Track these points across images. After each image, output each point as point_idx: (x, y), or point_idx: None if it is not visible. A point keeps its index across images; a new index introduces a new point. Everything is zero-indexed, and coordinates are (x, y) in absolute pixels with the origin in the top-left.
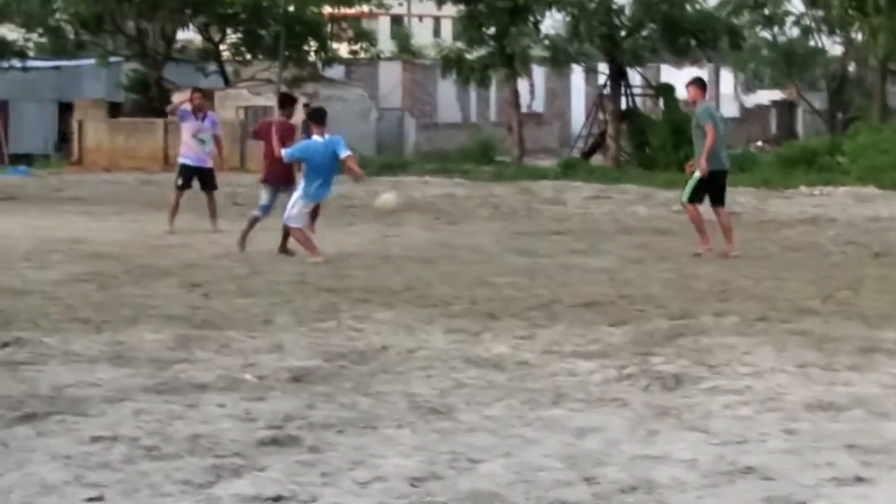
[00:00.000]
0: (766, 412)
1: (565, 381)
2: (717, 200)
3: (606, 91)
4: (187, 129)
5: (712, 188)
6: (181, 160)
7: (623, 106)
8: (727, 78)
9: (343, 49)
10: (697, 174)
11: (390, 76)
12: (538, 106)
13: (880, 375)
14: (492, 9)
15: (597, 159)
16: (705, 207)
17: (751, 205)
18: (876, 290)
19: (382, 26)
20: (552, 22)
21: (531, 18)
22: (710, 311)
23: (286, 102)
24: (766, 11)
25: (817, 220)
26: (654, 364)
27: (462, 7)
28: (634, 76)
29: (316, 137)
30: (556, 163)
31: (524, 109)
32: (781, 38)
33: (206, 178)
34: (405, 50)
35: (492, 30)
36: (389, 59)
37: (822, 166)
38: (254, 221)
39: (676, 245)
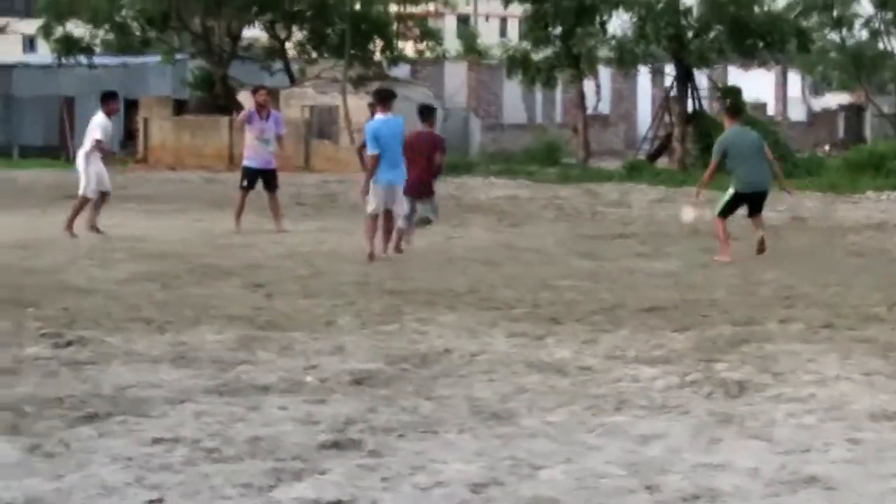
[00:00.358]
0: (830, 421)
1: (628, 387)
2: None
3: (673, 93)
4: (252, 130)
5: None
6: (245, 162)
7: (689, 108)
8: (795, 81)
9: (409, 48)
10: (731, 190)
11: (456, 76)
12: (604, 107)
13: None
14: (558, 8)
15: (662, 162)
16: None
17: (817, 209)
18: None
19: (449, 25)
20: (619, 22)
21: (598, 18)
22: (775, 317)
23: (428, 114)
24: (835, 13)
25: (884, 225)
26: (717, 371)
27: (528, 6)
28: (701, 78)
29: (379, 116)
30: (621, 165)
31: (590, 111)
32: (850, 41)
33: (269, 178)
34: (471, 49)
35: (558, 30)
36: (455, 58)
37: (890, 171)
38: (400, 232)
39: (742, 249)
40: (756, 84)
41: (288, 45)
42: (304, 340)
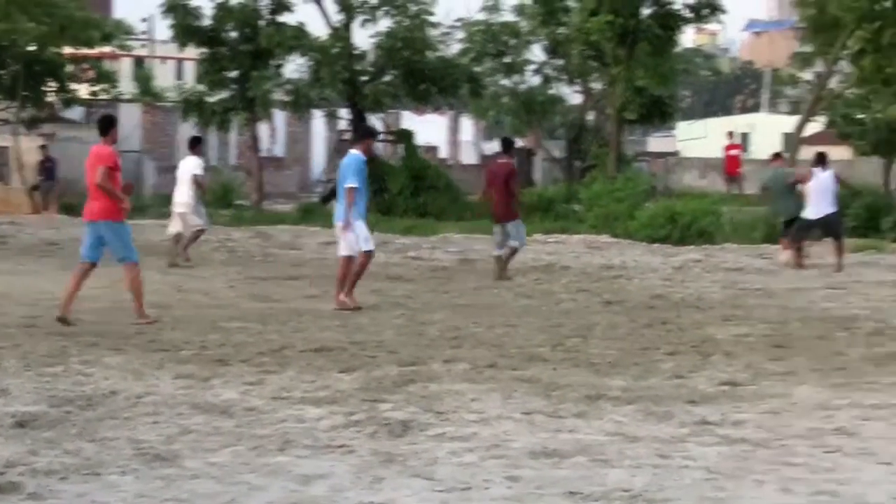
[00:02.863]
0: (491, 459)
1: (293, 428)
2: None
3: (347, 136)
4: None
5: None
6: None
7: None
8: (468, 125)
9: (83, 90)
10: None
11: (130, 118)
12: (279, 150)
13: (604, 423)
14: (234, 52)
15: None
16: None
17: (486, 251)
18: (605, 338)
19: (124, 67)
20: (294, 66)
21: (273, 62)
22: (441, 357)
23: (509, 147)
24: (507, 60)
25: (551, 267)
26: (382, 410)
27: (204, 50)
28: (375, 122)
29: (356, 152)
30: (295, 207)
31: (264, 153)
32: (522, 86)
33: None
34: (147, 92)
35: (234, 73)
36: (130, 100)
37: (559, 214)
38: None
39: (410, 291)
40: (430, 128)
41: None
42: None
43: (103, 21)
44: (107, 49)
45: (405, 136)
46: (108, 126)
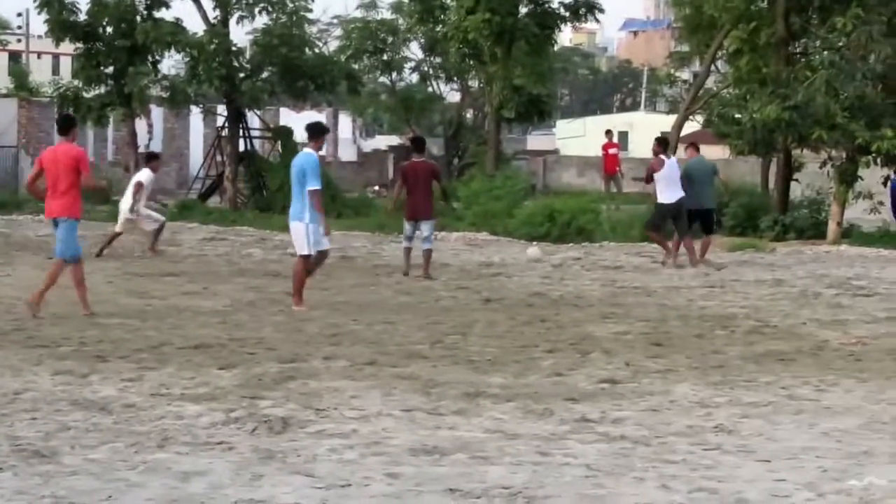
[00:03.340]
0: (371, 456)
1: (172, 425)
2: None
3: (225, 133)
4: None
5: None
6: None
7: (241, 148)
8: (346, 122)
9: None
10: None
11: (6, 113)
12: (156, 146)
13: (484, 420)
14: (110, 48)
15: (214, 201)
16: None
17: (366, 249)
18: (484, 335)
19: (0, 62)
20: (172, 62)
21: (150, 58)
22: (321, 354)
23: (421, 146)
24: (385, 57)
25: (433, 265)
26: (261, 407)
27: (80, 45)
28: (253, 118)
29: (309, 151)
30: (173, 204)
31: (142, 149)
32: (400, 84)
33: None
34: (22, 87)
35: (110, 69)
36: (6, 95)
37: (437, 211)
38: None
39: (288, 288)
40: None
41: None
42: None
43: None
44: None
45: (283, 134)
46: (70, 126)
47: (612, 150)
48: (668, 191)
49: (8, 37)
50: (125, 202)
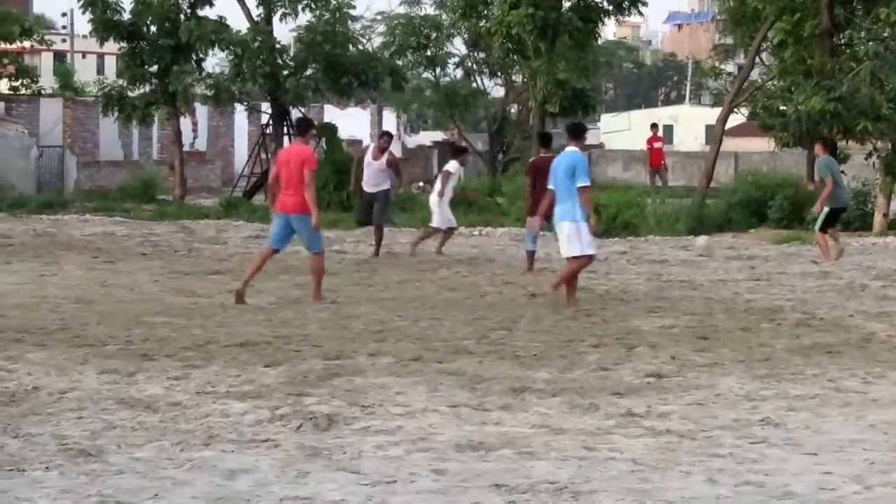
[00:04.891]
0: (417, 452)
1: (217, 422)
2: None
3: (269, 130)
4: None
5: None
6: None
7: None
8: (390, 118)
9: (3, 85)
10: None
11: (52, 113)
12: (201, 144)
13: (529, 415)
14: (154, 47)
15: (259, 198)
16: None
17: (410, 244)
18: (530, 330)
19: (45, 62)
20: (216, 60)
21: (194, 56)
22: (366, 351)
23: (548, 141)
24: (429, 53)
25: (476, 260)
26: (307, 404)
27: (124, 45)
28: (297, 116)
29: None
30: (218, 202)
31: (187, 148)
32: (444, 80)
33: None
34: (67, 87)
35: (154, 67)
36: (51, 95)
37: (482, 207)
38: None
39: (335, 284)
40: (352, 122)
41: None
42: None
43: (23, 16)
44: (27, 44)
45: (328, 130)
46: (308, 127)
47: (657, 144)
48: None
49: (53, 37)
50: (434, 195)
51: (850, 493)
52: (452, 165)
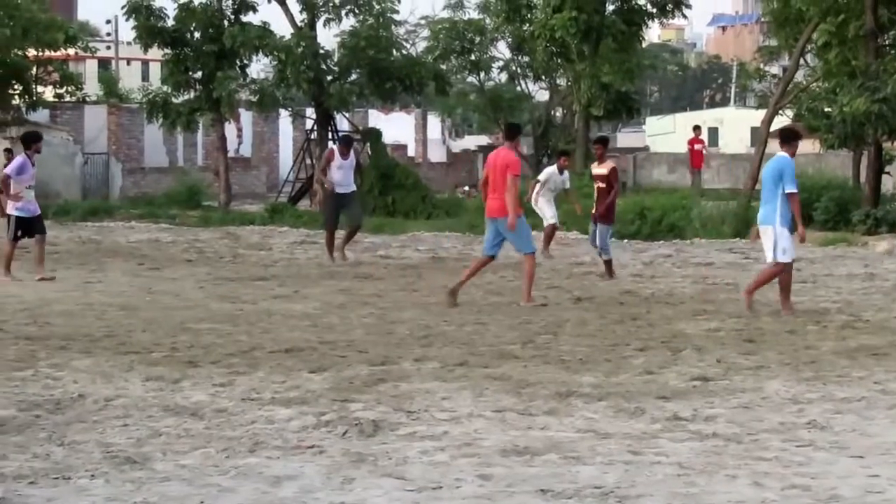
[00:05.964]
0: (462, 458)
1: (263, 429)
2: None
3: (314, 136)
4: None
5: None
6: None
7: None
8: (435, 123)
9: (48, 92)
10: None
11: (96, 120)
12: (245, 150)
13: (575, 420)
14: (198, 53)
15: (304, 204)
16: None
17: (456, 249)
18: (575, 335)
19: (90, 69)
20: (259, 66)
21: (238, 62)
22: (411, 356)
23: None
24: (473, 57)
25: (520, 264)
26: (352, 410)
27: (168, 51)
28: (342, 121)
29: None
30: (263, 207)
31: (231, 154)
32: (488, 84)
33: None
34: (112, 93)
35: (199, 74)
36: (96, 102)
37: (528, 210)
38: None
39: (381, 289)
40: (397, 126)
41: None
42: None
43: (67, 23)
44: (71, 52)
45: (373, 135)
46: (515, 133)
47: (697, 146)
48: None
49: (97, 44)
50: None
51: None
52: (544, 174)
